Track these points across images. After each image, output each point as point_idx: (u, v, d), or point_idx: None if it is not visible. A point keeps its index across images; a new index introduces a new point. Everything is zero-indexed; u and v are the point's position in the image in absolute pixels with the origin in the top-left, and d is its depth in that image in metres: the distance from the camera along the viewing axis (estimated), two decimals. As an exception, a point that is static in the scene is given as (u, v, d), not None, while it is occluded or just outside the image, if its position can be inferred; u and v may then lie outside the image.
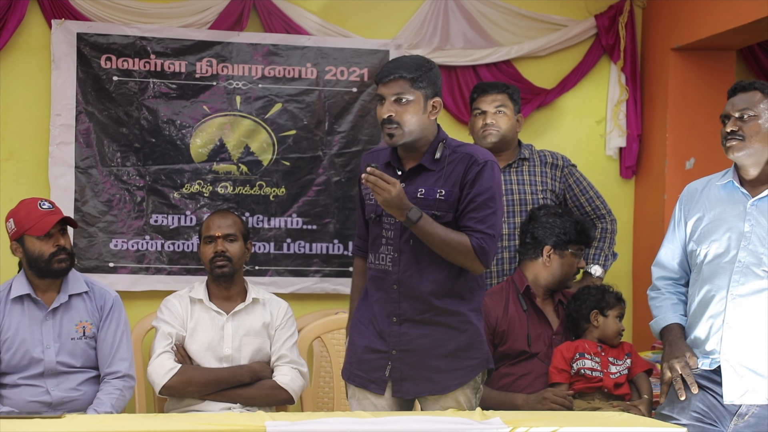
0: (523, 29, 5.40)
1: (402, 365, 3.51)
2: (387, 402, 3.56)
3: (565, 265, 4.22)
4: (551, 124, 5.53)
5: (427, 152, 3.54)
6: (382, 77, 3.51)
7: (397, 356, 3.51)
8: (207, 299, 4.28)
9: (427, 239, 3.43)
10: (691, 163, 5.28)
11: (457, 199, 3.50)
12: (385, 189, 3.34)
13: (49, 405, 3.89)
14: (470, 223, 3.47)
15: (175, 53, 5.03)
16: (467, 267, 3.50)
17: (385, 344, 3.53)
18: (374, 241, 3.58)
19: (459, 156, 3.54)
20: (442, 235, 3.44)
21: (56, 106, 4.90)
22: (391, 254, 3.52)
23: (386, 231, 3.53)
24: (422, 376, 3.51)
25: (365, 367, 3.57)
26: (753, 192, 3.57)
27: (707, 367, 3.56)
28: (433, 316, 3.50)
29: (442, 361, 3.52)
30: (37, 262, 3.93)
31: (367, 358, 3.56)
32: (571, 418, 3.37)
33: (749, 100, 3.55)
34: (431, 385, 3.52)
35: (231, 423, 2.92)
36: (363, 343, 3.58)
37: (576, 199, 4.65)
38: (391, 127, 3.47)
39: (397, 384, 3.52)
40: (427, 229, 3.41)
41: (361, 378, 3.58)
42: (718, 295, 3.55)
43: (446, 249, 3.45)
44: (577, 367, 3.97)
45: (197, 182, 5.06)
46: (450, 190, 3.49)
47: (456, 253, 3.45)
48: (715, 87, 5.11)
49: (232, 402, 4.16)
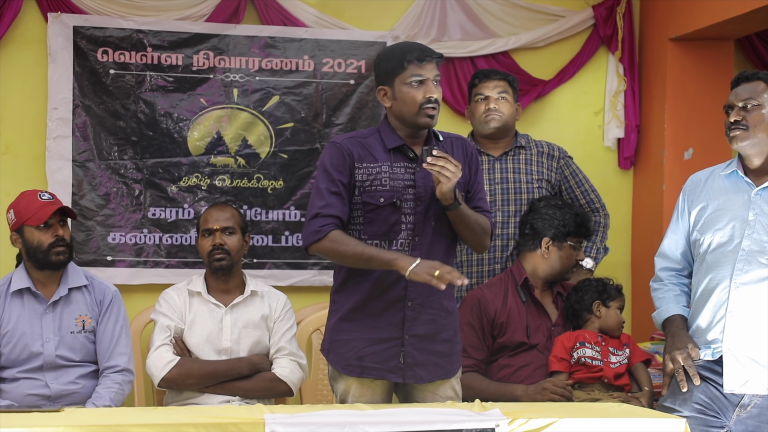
0: (521, 20, 5.39)
1: (414, 351, 3.49)
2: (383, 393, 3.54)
3: (563, 257, 4.22)
4: (549, 115, 5.52)
5: (429, 135, 3.55)
6: (425, 57, 3.47)
7: (409, 341, 3.48)
8: (205, 292, 4.28)
9: (464, 221, 3.46)
10: (690, 153, 5.27)
11: (468, 181, 3.56)
12: (454, 172, 3.33)
13: (48, 398, 3.89)
14: (480, 204, 3.59)
15: (171, 46, 5.02)
16: (481, 244, 3.59)
17: (398, 330, 3.48)
18: (391, 228, 3.47)
19: (452, 140, 3.61)
20: (475, 215, 3.51)
21: (53, 99, 4.89)
22: (410, 239, 3.47)
23: (405, 216, 3.47)
24: (430, 361, 3.51)
25: (378, 358, 3.49)
26: (757, 181, 3.58)
27: (709, 357, 3.56)
28: (443, 298, 3.51)
29: (446, 345, 3.55)
30: (36, 252, 3.93)
31: (378, 349, 3.49)
32: (571, 408, 3.37)
33: (753, 90, 3.56)
34: (439, 370, 3.54)
35: (230, 416, 2.91)
36: (366, 335, 3.50)
37: (571, 191, 4.64)
38: (433, 108, 3.46)
39: (410, 370, 3.49)
40: (466, 211, 3.46)
41: (377, 370, 3.49)
42: (722, 284, 3.55)
43: (476, 229, 3.51)
44: (578, 356, 3.97)
45: (195, 175, 5.06)
46: (462, 172, 3.49)
47: (483, 232, 3.54)
48: (713, 77, 5.11)
49: (231, 395, 4.16)
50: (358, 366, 3.52)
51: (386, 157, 3.51)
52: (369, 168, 3.50)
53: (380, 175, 3.47)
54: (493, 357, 4.13)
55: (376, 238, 3.49)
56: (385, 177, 3.47)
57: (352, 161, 3.49)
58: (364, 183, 3.48)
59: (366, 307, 3.51)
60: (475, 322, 4.07)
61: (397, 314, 3.48)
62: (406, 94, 3.47)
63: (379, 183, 3.47)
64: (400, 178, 3.47)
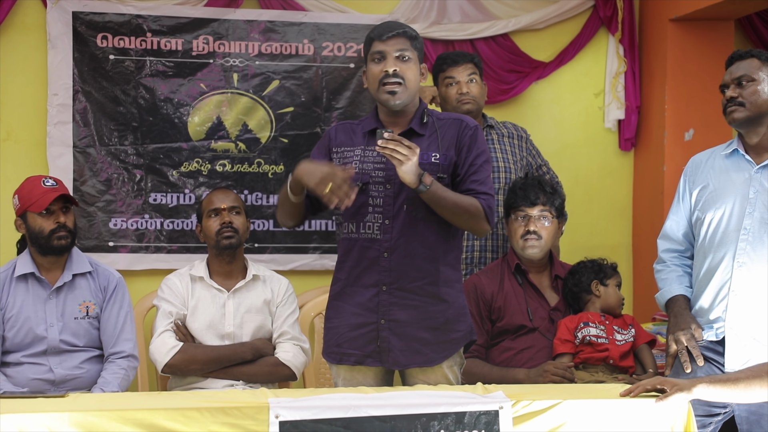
0: (521, 2, 5.38)
1: (390, 335, 3.47)
2: (374, 380, 3.54)
3: (511, 231, 4.23)
4: (549, 97, 5.51)
5: (414, 117, 3.52)
6: (383, 33, 3.45)
7: (386, 326, 3.46)
8: (208, 277, 4.28)
9: (440, 204, 3.38)
10: (690, 134, 5.27)
11: (453, 163, 3.48)
12: (407, 155, 3.26)
13: (52, 383, 3.91)
14: (474, 186, 3.46)
15: (171, 31, 5.01)
16: (475, 229, 3.50)
17: (373, 315, 3.47)
18: (358, 211, 3.47)
19: (447, 121, 3.55)
20: (455, 198, 3.41)
21: (53, 85, 4.89)
22: (380, 222, 3.46)
23: (374, 199, 3.46)
24: (410, 348, 3.48)
25: (357, 344, 3.51)
26: (757, 159, 3.59)
27: (713, 338, 3.57)
28: (426, 284, 3.47)
29: (431, 333, 3.49)
30: (38, 238, 3.95)
31: (355, 334, 3.51)
32: (574, 390, 3.37)
33: (747, 67, 3.57)
34: (419, 357, 3.49)
35: (234, 400, 2.92)
36: (345, 321, 3.52)
37: (539, 168, 4.68)
38: (394, 82, 3.41)
39: (385, 354, 3.48)
40: (440, 193, 3.37)
41: (356, 355, 3.51)
42: (724, 262, 3.56)
43: (458, 212, 3.42)
44: (582, 335, 3.97)
45: (195, 160, 5.06)
46: (445, 154, 3.47)
47: (468, 215, 3.43)
48: (713, 57, 5.09)
49: (234, 379, 4.16)
50: (338, 353, 3.55)
51: (362, 140, 3.53)
52: (345, 152, 3.54)
53: (353, 158, 3.50)
54: (494, 341, 4.13)
55: (347, 220, 3.53)
56: (356, 160, 3.49)
57: (330, 145, 3.58)
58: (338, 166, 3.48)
59: (345, 294, 3.54)
60: (473, 307, 4.06)
61: (373, 299, 3.48)
62: (369, 71, 3.51)
63: (350, 166, 3.46)
64: (371, 161, 3.47)
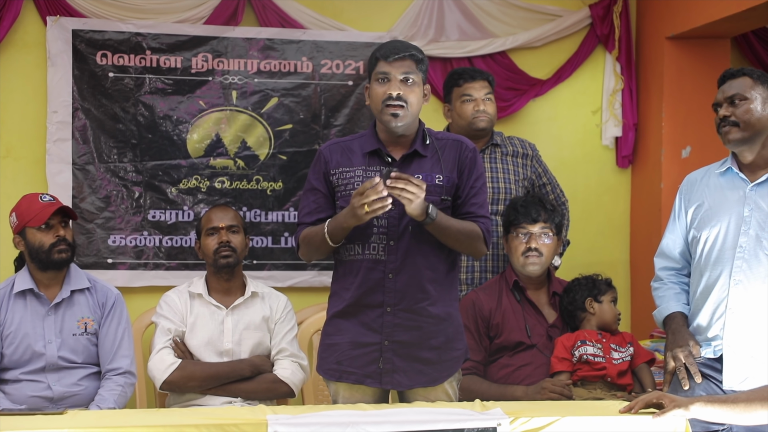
0: (518, 20, 5.41)
1: (393, 356, 3.47)
2: (373, 398, 3.54)
3: (512, 248, 4.23)
4: (547, 114, 5.53)
5: (416, 138, 3.51)
6: (389, 54, 3.43)
7: (389, 347, 3.47)
8: (206, 293, 4.28)
9: (444, 233, 3.40)
10: (687, 151, 5.29)
11: (455, 185, 3.49)
12: (415, 193, 3.25)
13: (50, 400, 3.90)
14: (473, 209, 3.49)
15: (170, 49, 5.03)
16: (474, 252, 3.52)
17: (377, 336, 3.48)
18: (363, 232, 3.45)
19: (447, 142, 3.54)
20: (458, 225, 3.43)
21: (53, 103, 4.91)
22: (384, 243, 3.46)
23: (378, 220, 3.44)
24: (413, 368, 3.48)
25: (357, 363, 3.50)
26: (752, 177, 3.59)
27: (710, 355, 3.57)
28: (429, 305, 3.48)
29: (433, 352, 3.50)
30: (38, 253, 3.95)
31: (357, 353, 3.50)
32: (573, 407, 3.37)
33: (739, 86, 3.57)
34: (422, 377, 3.50)
35: (233, 417, 2.92)
36: (347, 339, 3.51)
37: (543, 187, 4.68)
38: (397, 105, 3.40)
39: (388, 376, 3.48)
40: (444, 223, 3.38)
41: (355, 375, 3.51)
42: (721, 280, 3.56)
43: (461, 238, 3.44)
44: (579, 354, 3.98)
45: (194, 177, 5.07)
46: (448, 176, 3.47)
47: (470, 240, 3.45)
48: (710, 75, 5.09)
49: (233, 396, 4.16)
50: (337, 370, 3.54)
51: (362, 161, 3.51)
52: (344, 172, 3.52)
53: (354, 179, 3.48)
54: (492, 357, 4.13)
55: (352, 242, 3.50)
56: (358, 181, 3.46)
57: (327, 168, 3.54)
58: (339, 188, 3.52)
59: (348, 313, 3.53)
60: (471, 324, 4.07)
61: (377, 319, 3.48)
62: (372, 89, 3.49)
63: (352, 187, 3.46)
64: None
